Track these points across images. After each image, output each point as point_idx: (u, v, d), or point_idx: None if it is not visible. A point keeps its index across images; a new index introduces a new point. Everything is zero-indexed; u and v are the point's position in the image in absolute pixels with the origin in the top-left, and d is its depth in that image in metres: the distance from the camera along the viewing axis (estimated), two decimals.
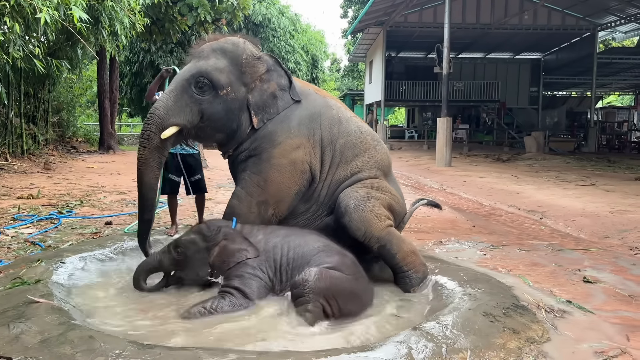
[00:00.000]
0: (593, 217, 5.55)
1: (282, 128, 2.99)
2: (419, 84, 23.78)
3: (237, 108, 2.97)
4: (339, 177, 3.07)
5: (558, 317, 2.69)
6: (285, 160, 2.94)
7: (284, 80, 3.08)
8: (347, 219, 2.91)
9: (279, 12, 25.10)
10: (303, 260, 2.70)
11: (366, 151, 3.16)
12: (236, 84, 2.96)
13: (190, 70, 2.94)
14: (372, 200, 2.98)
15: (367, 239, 2.93)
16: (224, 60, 2.96)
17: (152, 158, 2.85)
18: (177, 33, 15.08)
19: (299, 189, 3.01)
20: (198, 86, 2.88)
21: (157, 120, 2.82)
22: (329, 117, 3.14)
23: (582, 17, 20.92)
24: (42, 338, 2.09)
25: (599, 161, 14.09)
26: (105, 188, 7.29)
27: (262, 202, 2.94)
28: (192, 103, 2.88)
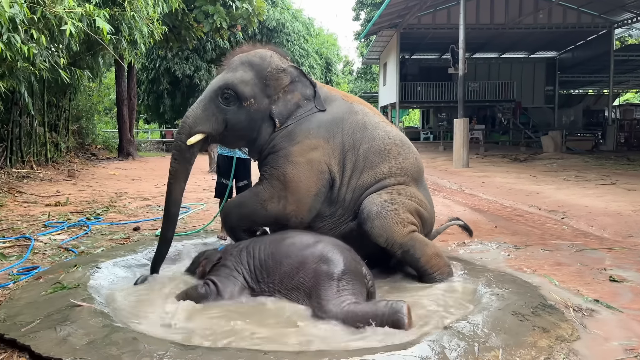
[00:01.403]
0: (616, 216, 5.54)
1: (301, 129, 3.08)
2: (433, 85, 23.77)
3: (259, 118, 3.09)
4: (364, 182, 3.10)
5: (586, 315, 2.72)
6: (303, 159, 3.00)
7: (308, 91, 3.17)
8: (369, 225, 2.96)
9: (292, 16, 25.29)
10: (274, 258, 2.79)
11: (393, 157, 3.18)
12: (260, 95, 3.09)
13: (218, 81, 3.11)
14: (395, 207, 3.00)
15: (390, 245, 2.98)
16: (250, 73, 3.10)
17: (182, 171, 3.03)
18: (193, 40, 15.28)
19: (318, 190, 3.04)
20: (224, 97, 3.04)
21: (187, 129, 3.01)
22: (352, 122, 3.18)
23: (597, 14, 20.76)
24: (88, 340, 2.18)
25: (618, 159, 13.95)
26: (129, 194, 7.43)
27: (281, 196, 3.01)
28: (218, 112, 3.04)
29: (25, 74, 6.83)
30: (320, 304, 2.52)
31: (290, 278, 2.70)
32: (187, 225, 5.07)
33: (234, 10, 13.63)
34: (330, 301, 2.50)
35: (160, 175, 10.68)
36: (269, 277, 2.77)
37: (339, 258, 2.66)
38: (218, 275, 2.85)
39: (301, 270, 2.67)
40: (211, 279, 2.83)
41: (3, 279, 3.28)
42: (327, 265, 2.62)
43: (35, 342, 2.19)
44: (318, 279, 2.60)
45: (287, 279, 2.70)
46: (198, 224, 5.08)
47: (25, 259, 3.73)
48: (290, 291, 2.69)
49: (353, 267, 2.67)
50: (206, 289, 2.78)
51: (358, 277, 2.65)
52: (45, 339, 2.21)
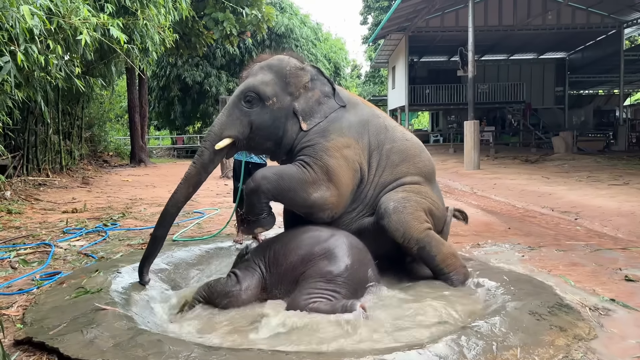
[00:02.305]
0: (630, 216, 5.53)
1: (334, 127, 3.13)
2: (442, 87, 23.76)
3: (283, 116, 3.13)
4: (385, 180, 3.19)
5: (603, 315, 2.74)
6: (339, 154, 3.05)
7: (327, 88, 3.24)
8: (386, 220, 3.01)
9: (300, 22, 25.41)
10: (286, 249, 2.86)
11: (411, 157, 3.28)
12: (281, 94, 3.14)
13: (240, 87, 3.17)
14: (411, 204, 3.07)
15: (406, 240, 3.02)
16: (270, 74, 3.16)
17: (194, 176, 3.01)
18: (203, 47, 15.42)
19: (353, 188, 3.11)
20: (246, 100, 3.09)
21: (213, 136, 3.03)
22: (376, 124, 3.28)
23: (607, 14, 20.67)
24: (114, 342, 2.24)
25: (631, 160, 13.87)
26: (143, 200, 7.52)
27: (326, 186, 2.99)
28: (243, 116, 3.08)
29: (42, 83, 6.95)
30: (296, 295, 2.64)
31: (292, 270, 2.77)
32: (203, 229, 5.14)
33: (244, 17, 13.72)
34: (303, 296, 2.60)
35: (173, 182, 10.73)
36: (277, 268, 2.85)
37: (343, 258, 2.71)
38: (240, 267, 2.94)
39: (304, 263, 2.74)
40: (233, 271, 2.92)
41: (27, 284, 3.35)
42: (327, 262, 2.69)
43: (63, 344, 2.25)
44: (313, 272, 2.68)
45: (290, 272, 2.78)
46: (213, 228, 5.14)
47: (47, 264, 3.81)
48: (290, 284, 2.76)
49: (353, 270, 2.71)
50: (228, 280, 2.86)
51: (354, 282, 2.70)
52: (73, 342, 2.27)
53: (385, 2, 34.92)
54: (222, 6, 13.53)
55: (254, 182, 2.96)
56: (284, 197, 3.01)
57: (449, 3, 19.26)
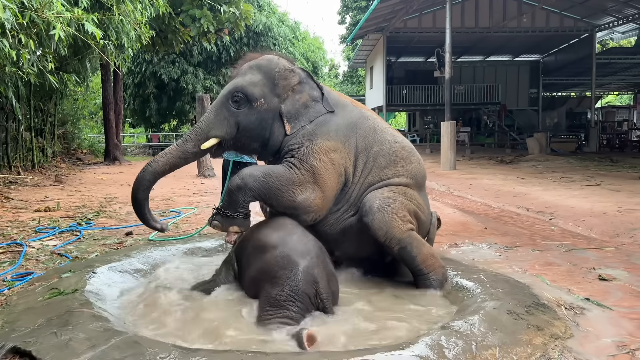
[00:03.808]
0: (602, 216, 5.65)
1: (321, 130, 3.12)
2: (419, 88, 23.97)
3: (270, 118, 3.12)
4: (371, 180, 3.19)
5: (578, 314, 2.79)
6: (326, 158, 3.04)
7: (316, 92, 3.22)
8: (370, 218, 3.01)
9: (279, 20, 25.32)
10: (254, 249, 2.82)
11: (400, 160, 3.27)
12: (269, 95, 3.12)
13: (228, 87, 3.15)
14: (396, 204, 3.07)
15: (388, 239, 3.01)
16: (259, 75, 3.14)
17: (176, 153, 2.98)
18: (179, 44, 15.22)
19: (337, 192, 3.11)
20: (234, 100, 3.07)
21: (199, 130, 3.02)
22: (365, 126, 3.26)
23: (580, 18, 21.11)
24: (90, 344, 2.18)
25: (602, 161, 14.19)
26: (118, 199, 7.40)
27: (312, 188, 2.98)
28: (230, 116, 3.07)
29: (13, 79, 6.78)
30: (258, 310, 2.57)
31: (253, 283, 2.72)
32: (180, 229, 5.07)
33: (221, 14, 13.59)
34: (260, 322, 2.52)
35: None
36: (245, 271, 2.82)
37: (288, 279, 2.54)
38: (223, 262, 2.98)
39: (260, 279, 2.66)
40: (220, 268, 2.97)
41: None
42: (272, 286, 2.56)
43: (36, 347, 2.19)
44: (263, 296, 2.59)
45: (251, 283, 2.73)
46: (190, 228, 5.08)
47: (19, 264, 3.72)
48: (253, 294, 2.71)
49: (299, 289, 2.54)
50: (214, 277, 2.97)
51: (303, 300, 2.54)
52: (47, 344, 2.21)
53: (363, 2, 35.05)
54: (199, 3, 13.38)
55: (241, 179, 2.93)
56: (270, 197, 2.97)
57: (427, 4, 19.41)
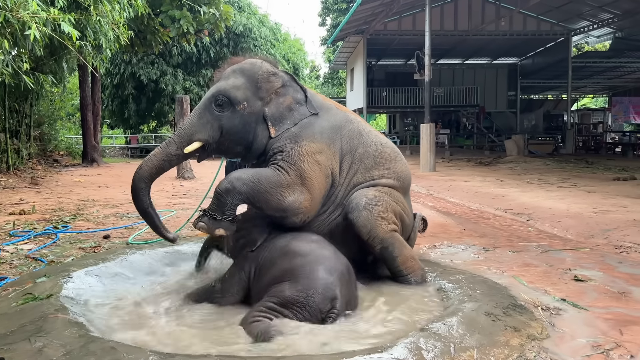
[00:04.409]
0: (577, 217, 5.74)
1: (306, 132, 3.12)
2: (399, 90, 24.15)
3: (253, 121, 3.11)
4: (357, 181, 3.21)
5: (554, 314, 2.82)
6: (312, 160, 3.04)
7: (299, 95, 3.22)
8: (355, 214, 3.03)
9: (259, 21, 25.24)
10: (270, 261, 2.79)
11: (386, 162, 3.30)
12: (252, 98, 3.12)
13: (211, 91, 3.14)
14: (383, 203, 3.10)
15: (371, 238, 3.04)
16: (242, 78, 3.14)
17: (160, 156, 2.97)
18: (159, 44, 15.10)
19: (324, 193, 3.11)
20: (217, 104, 3.06)
21: (182, 133, 3.01)
22: (349, 129, 3.28)
23: (556, 22, 21.47)
24: (65, 351, 2.15)
25: (578, 162, 14.44)
26: (96, 202, 7.30)
27: (300, 190, 2.96)
28: (213, 120, 3.06)
29: None
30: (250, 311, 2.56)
31: (266, 287, 2.67)
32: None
33: (201, 15, 13.52)
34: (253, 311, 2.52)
35: (127, 182, 10.43)
36: (260, 280, 2.78)
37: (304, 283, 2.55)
38: (232, 270, 2.93)
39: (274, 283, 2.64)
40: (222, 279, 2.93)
41: None
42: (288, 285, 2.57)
43: (9, 354, 2.14)
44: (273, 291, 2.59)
45: (264, 289, 2.68)
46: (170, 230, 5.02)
47: None
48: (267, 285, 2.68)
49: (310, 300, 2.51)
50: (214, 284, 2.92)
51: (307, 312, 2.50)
52: (20, 351, 2.16)
53: (343, 4, 35.15)
54: (178, 4, 13.29)
55: (229, 183, 2.90)
56: (259, 199, 2.93)
57: (407, 7, 19.56)
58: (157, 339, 2.45)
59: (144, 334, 2.55)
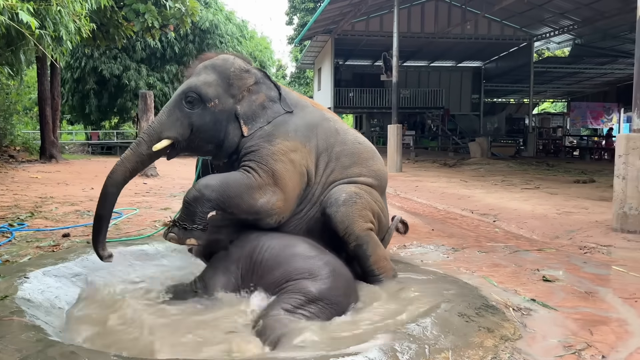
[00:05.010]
0: (542, 219, 5.85)
1: (279, 131, 3.04)
2: (366, 91, 24.26)
3: (224, 119, 3.03)
4: (334, 179, 3.16)
5: (525, 315, 2.84)
6: (286, 158, 2.97)
7: (273, 92, 3.15)
8: (334, 209, 2.99)
9: (226, 18, 24.91)
10: (274, 261, 2.73)
11: (363, 160, 3.27)
12: (224, 96, 3.04)
13: (182, 87, 3.06)
14: (362, 201, 3.07)
15: (347, 234, 3.01)
16: (213, 74, 3.06)
17: (132, 159, 2.90)
18: (122, 39, 14.69)
19: (299, 192, 3.05)
20: (188, 100, 2.98)
21: (152, 132, 2.93)
22: (326, 127, 3.23)
23: (519, 28, 21.96)
24: (20, 356, 2.01)
25: (539, 165, 14.79)
26: (55, 199, 7.02)
27: (272, 190, 2.89)
28: (183, 117, 2.97)
29: None
30: (272, 305, 2.51)
31: (275, 287, 2.63)
32: (121, 231, 4.84)
33: (166, 9, 13.24)
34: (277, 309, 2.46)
35: (87, 179, 10.18)
36: (260, 280, 2.70)
37: (328, 281, 2.61)
38: (215, 269, 2.79)
39: (287, 281, 2.62)
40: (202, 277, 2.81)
41: None
42: (311, 282, 2.58)
43: None
44: (293, 287, 2.57)
45: (272, 288, 2.64)
46: (132, 230, 4.87)
47: None
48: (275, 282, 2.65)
49: (336, 298, 2.62)
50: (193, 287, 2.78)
51: (334, 310, 2.58)
52: None
53: (310, 3, 35.10)
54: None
55: (197, 191, 2.83)
56: (230, 205, 2.86)
57: (375, 8, 19.66)
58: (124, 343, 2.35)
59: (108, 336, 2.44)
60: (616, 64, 23.86)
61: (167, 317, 2.60)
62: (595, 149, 21.65)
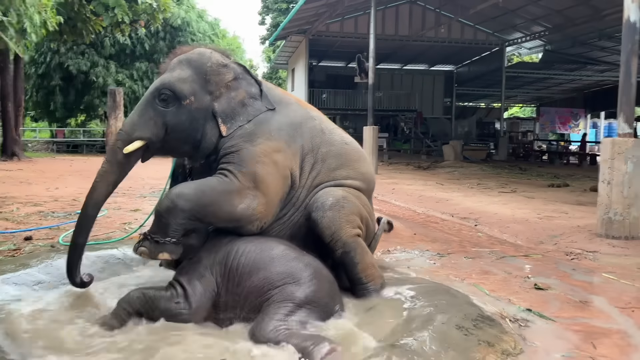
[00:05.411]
0: (524, 223, 5.78)
1: (262, 130, 2.83)
2: (340, 93, 24.17)
3: (201, 117, 2.81)
4: (320, 181, 2.97)
5: (523, 326, 2.70)
6: (268, 160, 2.76)
7: (254, 89, 2.93)
8: (320, 214, 2.81)
9: (198, 15, 24.54)
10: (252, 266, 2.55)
11: (351, 162, 3.09)
12: (200, 92, 2.81)
13: (154, 84, 2.82)
14: (350, 205, 2.90)
15: (334, 241, 2.83)
16: (189, 70, 2.83)
17: (111, 173, 2.69)
18: (90, 34, 14.26)
19: (282, 195, 2.84)
20: (161, 98, 2.75)
21: (124, 135, 2.70)
22: (311, 127, 3.03)
23: (492, 32, 22.18)
24: None
25: (512, 169, 14.91)
26: (16, 199, 6.63)
27: (253, 194, 2.68)
28: (157, 116, 2.74)
29: None
30: (263, 320, 2.32)
31: (257, 294, 2.45)
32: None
33: (137, 4, 12.88)
34: (272, 322, 2.28)
35: (51, 178, 9.76)
36: (237, 287, 2.51)
37: (312, 284, 2.48)
38: (189, 275, 2.56)
39: (269, 288, 2.45)
40: (179, 281, 2.55)
41: None
42: (295, 287, 2.43)
43: None
44: (279, 296, 2.40)
45: (253, 296, 2.46)
46: (100, 232, 4.58)
47: None
48: (252, 310, 2.45)
49: (322, 300, 2.50)
50: (172, 292, 2.50)
51: (322, 312, 2.47)
52: None
53: (283, 4, 34.85)
54: None
55: (169, 201, 2.59)
56: (206, 214, 2.64)
57: (350, 9, 19.56)
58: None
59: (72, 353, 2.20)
60: (584, 70, 24.32)
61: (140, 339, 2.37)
62: (564, 153, 22.04)
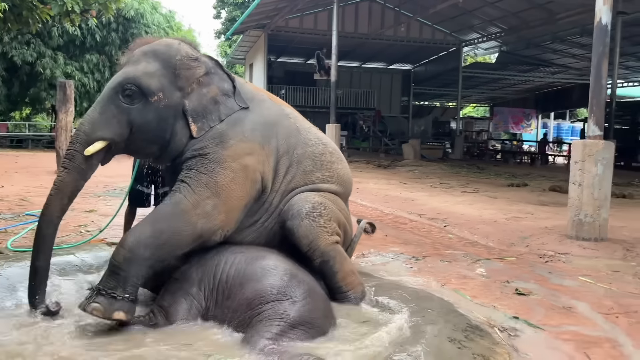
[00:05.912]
0: (493, 224, 5.75)
1: (235, 130, 2.62)
2: (299, 89, 23.96)
3: (171, 116, 2.56)
4: (295, 186, 2.80)
5: (512, 335, 2.62)
6: (237, 164, 2.56)
7: (226, 85, 2.71)
8: (296, 222, 2.66)
9: (152, 7, 23.77)
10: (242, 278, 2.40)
11: (328, 164, 2.93)
12: (169, 88, 2.56)
13: (117, 78, 2.54)
14: (327, 212, 2.75)
15: (312, 250, 2.69)
16: (155, 63, 2.57)
17: (69, 183, 2.42)
18: (37, 23, 13.40)
19: (248, 201, 2.63)
20: (125, 94, 2.49)
21: (82, 137, 2.43)
22: (286, 126, 2.85)
23: (449, 32, 22.42)
24: None
25: (470, 168, 15.08)
26: None
27: (209, 204, 2.47)
28: (120, 114, 2.48)
29: None
30: (252, 337, 2.16)
31: (246, 307, 2.29)
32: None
33: None
34: (262, 341, 2.11)
35: None
36: (227, 300, 2.34)
37: (306, 302, 2.32)
38: (174, 294, 2.40)
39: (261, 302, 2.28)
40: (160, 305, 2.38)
41: None
42: (288, 305, 2.27)
43: None
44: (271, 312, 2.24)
45: (243, 308, 2.29)
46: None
47: None
48: (242, 324, 2.27)
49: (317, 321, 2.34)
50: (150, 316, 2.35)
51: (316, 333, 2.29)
52: None
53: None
54: None
55: (127, 251, 2.33)
56: (170, 249, 2.43)
57: (310, 5, 19.33)
58: None
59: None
60: (537, 72, 24.96)
61: None
62: (517, 152, 22.56)
